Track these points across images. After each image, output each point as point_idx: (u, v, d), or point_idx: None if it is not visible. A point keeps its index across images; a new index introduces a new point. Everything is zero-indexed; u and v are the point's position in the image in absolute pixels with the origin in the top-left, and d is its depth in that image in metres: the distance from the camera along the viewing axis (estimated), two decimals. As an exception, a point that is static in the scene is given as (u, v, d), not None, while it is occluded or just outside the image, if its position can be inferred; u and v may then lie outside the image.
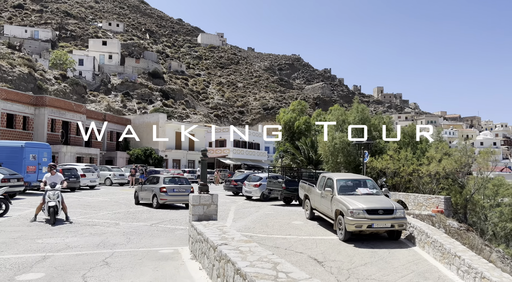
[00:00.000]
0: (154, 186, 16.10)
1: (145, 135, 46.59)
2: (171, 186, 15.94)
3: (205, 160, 8.28)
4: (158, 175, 17.44)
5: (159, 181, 16.25)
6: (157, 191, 15.67)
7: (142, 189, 16.96)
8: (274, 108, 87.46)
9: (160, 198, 15.54)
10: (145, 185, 17.02)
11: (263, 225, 12.59)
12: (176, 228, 11.35)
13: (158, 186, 15.85)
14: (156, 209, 15.56)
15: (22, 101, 31.02)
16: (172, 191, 15.74)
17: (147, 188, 16.52)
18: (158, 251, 7.80)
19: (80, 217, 13.15)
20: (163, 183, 15.90)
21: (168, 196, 15.62)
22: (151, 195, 16.01)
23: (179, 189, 15.98)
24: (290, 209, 17.12)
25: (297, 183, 19.05)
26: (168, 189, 15.69)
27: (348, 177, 12.48)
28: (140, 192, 17.03)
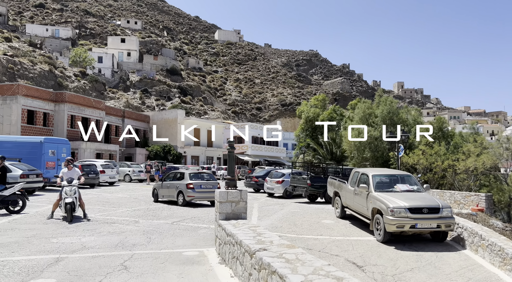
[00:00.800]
0: (179, 182, 15.23)
1: (164, 131, 46.32)
2: (198, 182, 15.05)
3: (232, 152, 7.44)
4: (182, 170, 16.68)
5: (184, 176, 15.36)
6: (183, 188, 14.79)
7: (163, 186, 16.11)
8: (292, 104, 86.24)
9: (187, 195, 14.68)
10: (166, 181, 16.21)
11: (291, 224, 11.70)
12: (199, 227, 10.58)
13: (184, 182, 14.95)
14: (182, 206, 14.77)
15: (42, 98, 31.02)
16: (199, 187, 14.88)
17: (170, 185, 15.64)
18: (182, 253, 7.01)
19: (98, 214, 12.57)
20: (189, 179, 15.00)
21: (195, 193, 14.73)
22: (176, 192, 15.16)
23: (206, 185, 15.12)
24: (317, 207, 16.16)
25: (322, 179, 18.09)
26: (195, 185, 14.80)
27: (384, 172, 11.43)
28: (161, 189, 16.20)
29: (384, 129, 20.71)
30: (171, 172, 17.09)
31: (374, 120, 22.12)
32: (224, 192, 7.03)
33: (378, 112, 22.40)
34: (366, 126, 22.16)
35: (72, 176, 11.53)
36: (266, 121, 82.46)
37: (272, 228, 10.82)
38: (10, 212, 11.91)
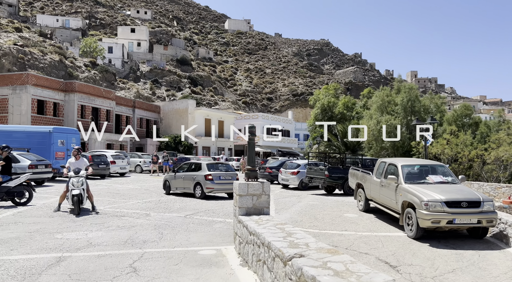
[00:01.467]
0: (196, 173, 14.33)
1: (174, 122, 45.78)
2: (217, 173, 14.20)
3: (253, 140, 6.64)
4: (199, 161, 15.85)
5: (201, 167, 14.48)
6: (202, 179, 13.92)
7: (176, 177, 15.17)
8: (303, 94, 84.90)
9: (205, 186, 13.83)
10: (179, 173, 15.35)
11: (312, 218, 10.90)
12: (213, 221, 9.86)
13: (201, 173, 14.05)
14: (200, 199, 13.97)
15: (52, 87, 30.60)
16: (218, 179, 14.04)
17: (185, 176, 14.72)
18: (197, 252, 6.28)
19: (107, 206, 11.96)
20: (207, 170, 14.14)
21: (215, 185, 13.88)
22: (192, 183, 14.28)
23: (225, 176, 14.30)
24: (336, 199, 15.32)
25: (341, 170, 17.25)
26: (214, 177, 13.93)
27: (415, 162, 10.50)
28: (174, 181, 15.30)
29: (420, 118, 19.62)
30: (185, 163, 16.24)
31: (393, 109, 21.03)
32: (244, 184, 6.24)
33: (398, 100, 21.27)
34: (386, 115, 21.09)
35: (80, 166, 10.91)
36: (277, 112, 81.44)
37: (292, 223, 10.05)
38: (16, 204, 11.38)
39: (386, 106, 21.86)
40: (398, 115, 20.63)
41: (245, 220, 5.64)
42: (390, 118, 20.63)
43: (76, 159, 11.04)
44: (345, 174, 17.07)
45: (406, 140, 20.39)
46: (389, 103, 21.92)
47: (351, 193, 17.16)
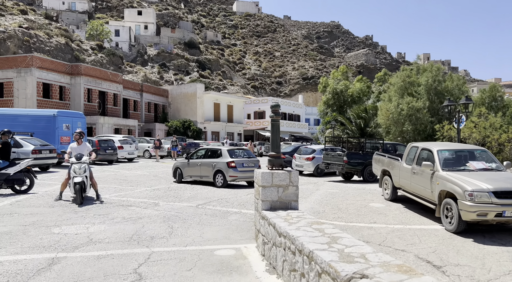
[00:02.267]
0: (216, 160, 13.24)
1: (183, 106, 44.89)
2: (239, 160, 13.11)
3: (277, 121, 5.63)
4: (216, 147, 14.74)
5: (222, 154, 13.42)
6: (223, 167, 12.86)
7: (190, 164, 13.99)
8: (314, 77, 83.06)
9: (228, 174, 12.78)
10: (193, 159, 14.26)
11: (335, 208, 9.95)
12: (228, 211, 8.97)
13: (223, 160, 13.00)
14: (221, 188, 12.94)
15: (57, 70, 29.76)
16: (242, 166, 13.00)
17: (203, 164, 13.60)
18: (214, 252, 5.38)
19: (113, 194, 11.15)
20: (229, 157, 13.09)
21: (238, 172, 12.81)
22: (212, 171, 13.20)
23: (247, 163, 13.27)
24: (356, 187, 14.33)
25: (360, 156, 16.22)
26: (237, 164, 12.87)
27: (452, 147, 9.40)
28: (187, 168, 14.08)
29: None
30: (200, 149, 15.06)
31: (416, 90, 19.69)
32: (268, 174, 5.27)
33: (421, 80, 19.88)
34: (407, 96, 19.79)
35: (82, 151, 10.05)
36: (286, 96, 79.97)
37: (313, 213, 9.12)
38: (16, 192, 10.64)
39: (407, 88, 20.52)
40: (421, 97, 19.32)
41: (271, 217, 4.68)
42: (411, 100, 19.34)
43: (78, 143, 10.18)
44: (365, 159, 16.08)
45: (428, 124, 19.16)
46: (410, 84, 20.55)
47: (371, 179, 16.20)
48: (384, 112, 21.23)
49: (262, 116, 55.82)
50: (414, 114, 19.47)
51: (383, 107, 21.36)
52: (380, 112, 21.77)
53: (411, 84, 20.60)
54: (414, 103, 19.20)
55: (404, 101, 19.68)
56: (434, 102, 19.21)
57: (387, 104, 20.98)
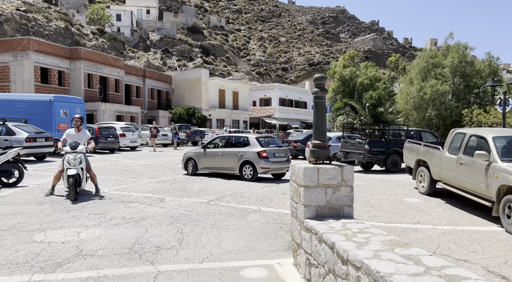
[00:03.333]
0: (243, 150, 11.69)
1: (187, 93, 43.45)
2: (271, 149, 11.52)
3: (322, 98, 4.27)
4: (241, 134, 13.19)
5: (249, 142, 11.75)
6: (253, 157, 11.32)
7: (207, 154, 12.43)
8: (320, 63, 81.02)
9: (259, 166, 11.25)
10: (211, 149, 12.52)
11: (366, 204, 8.65)
12: (245, 209, 7.70)
13: (252, 150, 11.46)
14: (250, 181, 11.45)
15: (56, 54, 28.34)
16: (273, 156, 11.52)
17: (226, 153, 11.95)
18: (239, 273, 4.10)
19: (113, 188, 9.91)
20: (259, 146, 11.57)
21: (271, 164, 11.34)
22: (237, 162, 11.65)
23: (279, 152, 11.82)
24: (381, 178, 13.01)
25: (384, 144, 14.87)
26: (269, 154, 11.35)
27: (510, 134, 8.00)
28: (203, 159, 12.47)
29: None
30: (219, 137, 13.36)
31: (441, 72, 18.14)
32: (312, 170, 3.94)
33: (447, 62, 18.29)
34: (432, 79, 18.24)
35: (80, 139, 8.75)
36: (292, 83, 78.15)
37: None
38: (3, 185, 9.41)
39: (430, 70, 18.95)
40: (447, 80, 17.78)
41: (323, 231, 3.37)
42: (436, 83, 17.80)
43: (78, 130, 8.86)
44: (388, 148, 14.75)
45: (454, 109, 17.69)
46: (434, 66, 18.97)
47: (395, 169, 14.88)
48: (404, 97, 19.74)
49: (268, 103, 54.29)
50: (438, 98, 17.97)
51: (403, 91, 19.85)
52: (399, 96, 20.29)
53: (435, 66, 19.01)
54: (438, 87, 17.68)
55: (428, 84, 18.15)
56: (460, 85, 17.67)
57: (408, 88, 19.46)
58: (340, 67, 32.90)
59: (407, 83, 19.99)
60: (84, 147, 8.70)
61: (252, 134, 13.43)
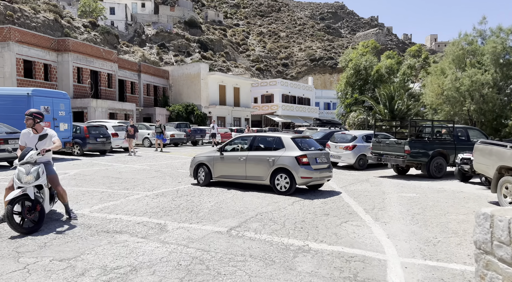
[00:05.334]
0: (275, 153, 9.08)
1: (185, 89, 40.87)
2: (312, 153, 9.06)
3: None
4: (269, 134, 10.32)
5: (284, 143, 9.14)
6: (291, 163, 8.74)
7: (226, 159, 9.80)
8: (322, 59, 78.57)
9: (300, 175, 8.70)
10: (230, 152, 9.93)
11: (447, 232, 6.23)
12: (286, 246, 5.23)
13: (289, 154, 8.87)
14: (286, 195, 8.83)
15: (41, 46, 25.69)
16: (315, 162, 9.04)
17: (252, 158, 9.33)
18: None
19: (98, 206, 7.43)
20: (298, 149, 9.01)
21: (313, 172, 8.87)
22: (269, 170, 9.01)
23: (321, 158, 9.31)
24: (432, 186, 10.58)
25: (427, 144, 12.46)
26: (310, 158, 8.90)
27: None
28: (219, 164, 9.86)
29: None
30: (240, 137, 10.51)
31: (480, 60, 15.75)
32: None
33: (487, 48, 15.87)
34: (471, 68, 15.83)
35: (41, 145, 6.22)
36: (293, 79, 75.68)
37: (424, 243, 5.39)
38: None
39: (466, 58, 16.55)
40: (488, 69, 15.42)
41: None
42: (475, 73, 15.39)
43: (35, 131, 6.33)
44: (432, 149, 12.33)
45: (497, 102, 15.32)
46: (472, 53, 16.57)
47: (439, 175, 12.48)
48: (435, 88, 17.33)
49: (270, 100, 51.84)
50: (477, 90, 15.56)
51: (434, 82, 17.42)
52: (429, 88, 17.88)
53: (472, 53, 16.60)
54: (479, 77, 15.26)
55: (465, 74, 15.73)
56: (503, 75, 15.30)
57: (439, 79, 17.04)
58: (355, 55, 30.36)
59: (438, 74, 17.59)
60: (40, 155, 5.98)
61: (286, 133, 10.52)
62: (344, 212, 7.39)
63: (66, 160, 15.98)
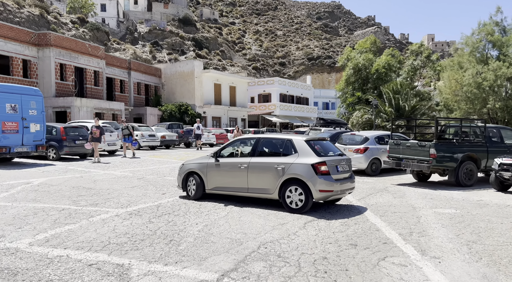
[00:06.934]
0: (283, 160, 7.14)
1: (179, 88, 38.90)
2: (332, 160, 7.12)
3: None
4: (277, 135, 8.24)
5: (296, 147, 7.17)
6: (306, 172, 6.81)
7: (222, 166, 7.85)
8: (320, 58, 76.88)
9: (318, 188, 6.76)
10: (227, 158, 7.98)
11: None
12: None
13: (303, 161, 6.92)
14: (299, 213, 6.87)
15: (20, 40, 23.66)
16: (336, 171, 7.10)
17: (255, 166, 7.36)
18: None
19: (44, 235, 5.56)
20: (314, 154, 7.05)
21: (334, 184, 6.90)
22: (277, 181, 7.06)
23: (342, 165, 7.35)
24: (466, 197, 8.78)
25: (455, 147, 10.65)
26: (330, 167, 6.96)
27: None
28: (214, 173, 7.89)
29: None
30: (239, 139, 8.52)
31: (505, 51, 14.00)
32: None
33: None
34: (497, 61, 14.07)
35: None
36: (291, 78, 73.94)
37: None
38: None
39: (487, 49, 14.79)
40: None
41: None
42: (500, 66, 13.62)
43: None
44: (461, 152, 10.52)
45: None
46: (494, 45, 14.80)
47: (469, 183, 10.67)
48: (453, 84, 15.53)
49: (267, 100, 50.00)
50: (502, 85, 13.80)
51: (451, 77, 15.64)
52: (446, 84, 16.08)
53: (494, 44, 14.83)
54: (504, 70, 13.49)
55: (489, 68, 13.95)
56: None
57: (457, 74, 15.26)
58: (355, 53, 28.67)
59: (454, 69, 15.80)
60: None
61: (298, 135, 8.32)
62: (376, 241, 5.53)
63: (38, 165, 14.02)
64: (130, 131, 17.12)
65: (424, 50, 33.49)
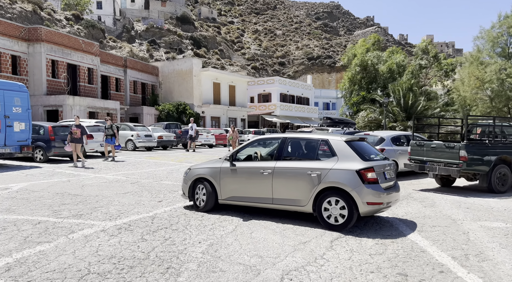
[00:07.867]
0: (318, 165, 5.88)
1: (176, 86, 37.71)
2: (379, 164, 5.89)
3: None
4: (308, 135, 6.79)
5: (334, 149, 5.93)
6: (349, 180, 5.58)
7: (240, 172, 6.55)
8: (320, 57, 75.83)
9: (365, 200, 5.53)
10: (245, 161, 6.69)
11: None
12: None
13: (347, 166, 5.69)
14: (335, 230, 5.66)
15: (9, 34, 22.41)
16: (384, 179, 5.88)
17: (280, 172, 6.11)
18: None
19: (4, 262, 4.29)
20: (359, 158, 5.84)
21: (383, 195, 5.69)
22: (311, 191, 5.79)
23: (388, 171, 6.12)
24: (509, 206, 7.63)
25: (488, 149, 9.51)
26: (378, 173, 5.75)
27: None
28: (230, 180, 6.63)
29: None
30: (260, 139, 7.21)
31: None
32: None
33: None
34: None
35: None
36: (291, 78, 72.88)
37: None
38: None
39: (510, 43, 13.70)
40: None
41: None
42: (526, 62, 12.54)
43: None
44: (495, 154, 9.39)
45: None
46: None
47: (503, 189, 9.53)
48: (472, 82, 14.41)
49: (267, 99, 48.88)
50: (529, 82, 12.71)
51: (472, 74, 14.51)
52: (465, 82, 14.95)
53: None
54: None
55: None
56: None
57: (478, 70, 14.16)
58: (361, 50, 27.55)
59: (474, 65, 14.69)
60: None
61: (334, 134, 7.14)
62: (429, 268, 4.37)
63: (22, 168, 12.81)
64: (114, 132, 15.25)
65: (431, 49, 32.50)
